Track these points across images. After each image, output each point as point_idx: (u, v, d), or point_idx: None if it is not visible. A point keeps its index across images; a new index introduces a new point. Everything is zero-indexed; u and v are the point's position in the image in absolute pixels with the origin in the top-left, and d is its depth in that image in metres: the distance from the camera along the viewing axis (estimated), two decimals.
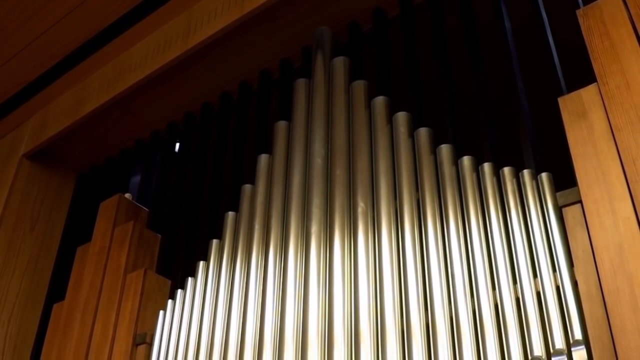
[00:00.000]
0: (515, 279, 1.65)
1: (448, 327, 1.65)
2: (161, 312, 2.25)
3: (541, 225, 1.68)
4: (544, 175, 1.75)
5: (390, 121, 2.11)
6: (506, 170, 1.82)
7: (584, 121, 1.71)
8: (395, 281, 1.78)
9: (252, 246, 2.11)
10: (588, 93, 1.74)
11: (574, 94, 1.76)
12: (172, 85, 2.83)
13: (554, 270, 1.61)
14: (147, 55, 2.83)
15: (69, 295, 2.60)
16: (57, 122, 3.07)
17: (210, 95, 2.83)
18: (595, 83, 1.74)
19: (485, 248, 1.73)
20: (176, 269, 2.46)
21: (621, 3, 1.79)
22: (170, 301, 2.26)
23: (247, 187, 2.29)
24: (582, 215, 1.61)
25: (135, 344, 2.24)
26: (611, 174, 1.60)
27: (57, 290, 2.85)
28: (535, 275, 1.63)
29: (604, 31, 1.78)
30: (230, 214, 2.28)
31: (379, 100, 2.16)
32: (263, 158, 2.31)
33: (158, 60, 2.76)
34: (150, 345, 2.21)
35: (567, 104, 1.76)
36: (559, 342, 1.51)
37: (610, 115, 1.67)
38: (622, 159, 1.60)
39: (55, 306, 2.66)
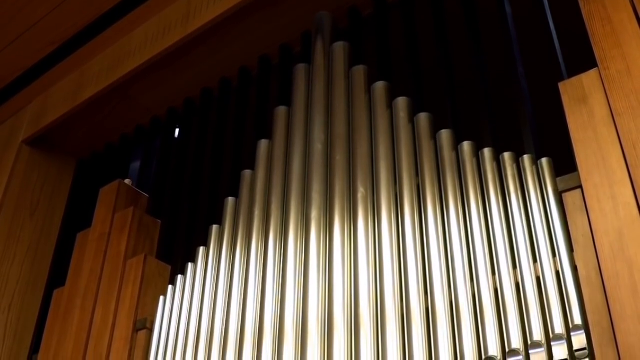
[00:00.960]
0: (515, 263, 1.65)
1: (448, 312, 1.66)
2: (161, 297, 2.26)
3: (541, 211, 1.68)
4: (544, 161, 1.75)
5: (390, 106, 2.10)
6: (506, 155, 1.82)
7: (584, 106, 1.70)
8: (395, 266, 1.78)
9: (252, 232, 2.11)
10: (589, 78, 1.73)
11: (574, 79, 1.76)
12: (172, 70, 2.82)
13: (554, 255, 1.61)
14: (146, 41, 2.82)
15: (69, 281, 2.61)
16: (57, 108, 3.07)
17: (209, 81, 2.83)
18: (596, 68, 1.73)
19: (485, 233, 1.73)
20: (176, 254, 2.46)
21: None
22: (170, 287, 2.26)
23: (247, 173, 2.29)
24: (582, 201, 1.61)
25: (136, 330, 2.24)
26: (611, 159, 1.60)
27: (57, 276, 2.86)
28: (535, 260, 1.63)
29: (605, 15, 1.78)
30: (230, 200, 2.28)
31: (379, 86, 2.16)
32: (263, 143, 2.31)
33: (157, 45, 2.75)
34: (151, 330, 2.21)
35: (568, 89, 1.75)
36: (559, 327, 1.51)
37: (610, 100, 1.67)
38: (623, 144, 1.60)
39: (55, 292, 2.67)
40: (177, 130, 2.93)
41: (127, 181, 2.75)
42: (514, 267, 1.65)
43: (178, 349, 2.08)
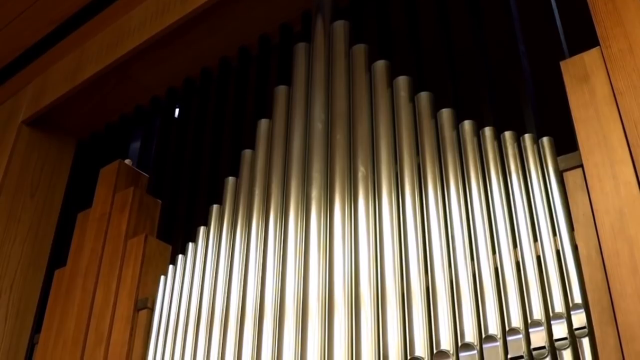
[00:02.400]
0: (515, 243, 1.65)
1: (448, 291, 1.66)
2: (162, 277, 2.26)
3: (542, 190, 1.68)
4: (545, 140, 1.74)
5: (390, 85, 2.10)
6: (507, 134, 1.81)
7: (586, 85, 1.69)
8: (396, 245, 1.78)
9: (252, 211, 2.11)
10: (590, 57, 1.72)
11: (576, 58, 1.75)
12: (171, 50, 2.81)
13: (555, 234, 1.61)
14: (145, 20, 2.80)
15: (70, 261, 2.61)
16: (56, 88, 3.06)
17: (209, 60, 2.81)
18: (598, 46, 1.72)
19: (486, 212, 1.73)
20: (177, 234, 2.46)
21: None
22: (171, 266, 2.27)
23: (247, 152, 2.28)
24: (583, 180, 1.61)
25: (137, 309, 2.25)
26: (613, 138, 1.59)
27: (58, 256, 2.86)
28: (535, 239, 1.63)
29: None
30: (231, 179, 2.28)
31: (380, 64, 2.15)
32: (263, 123, 2.30)
33: (156, 24, 2.74)
34: (152, 310, 2.22)
35: (569, 67, 1.74)
36: (559, 306, 1.51)
37: (612, 79, 1.66)
38: (624, 123, 1.59)
39: (56, 272, 2.67)
40: (177, 110, 2.92)
41: (127, 161, 2.75)
42: (515, 246, 1.65)
43: (179, 328, 2.09)
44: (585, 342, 1.46)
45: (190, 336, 2.05)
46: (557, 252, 1.59)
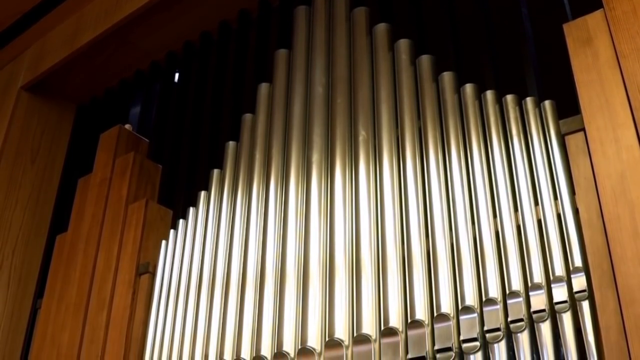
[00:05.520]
0: (516, 206, 1.65)
1: (449, 255, 1.66)
2: (163, 242, 2.27)
3: (543, 153, 1.67)
4: (547, 103, 1.73)
5: (392, 48, 2.08)
6: (509, 97, 1.80)
7: (589, 48, 1.68)
8: (397, 209, 1.79)
9: (253, 175, 2.11)
10: (594, 19, 1.71)
11: (579, 20, 1.73)
12: (171, 14, 2.78)
13: (556, 198, 1.61)
14: None
15: (71, 227, 2.62)
16: (55, 53, 3.04)
17: (209, 24, 2.79)
18: (602, 9, 1.71)
19: (487, 176, 1.72)
20: (177, 199, 2.46)
21: None
22: (172, 231, 2.27)
23: (248, 117, 2.28)
24: (585, 143, 1.60)
25: (138, 274, 2.26)
26: (615, 102, 1.58)
27: (59, 221, 2.87)
28: (536, 203, 1.63)
29: None
30: (231, 144, 2.28)
31: (381, 28, 2.13)
32: (263, 87, 2.29)
33: None
34: (153, 274, 2.23)
35: (572, 30, 1.73)
36: (559, 269, 1.52)
37: (616, 42, 1.64)
38: (627, 86, 1.58)
39: (58, 237, 2.68)
40: (176, 75, 2.90)
41: (127, 126, 2.74)
42: (515, 209, 1.65)
43: (181, 292, 2.10)
44: (585, 305, 1.46)
45: (192, 300, 2.06)
46: (558, 215, 1.59)
